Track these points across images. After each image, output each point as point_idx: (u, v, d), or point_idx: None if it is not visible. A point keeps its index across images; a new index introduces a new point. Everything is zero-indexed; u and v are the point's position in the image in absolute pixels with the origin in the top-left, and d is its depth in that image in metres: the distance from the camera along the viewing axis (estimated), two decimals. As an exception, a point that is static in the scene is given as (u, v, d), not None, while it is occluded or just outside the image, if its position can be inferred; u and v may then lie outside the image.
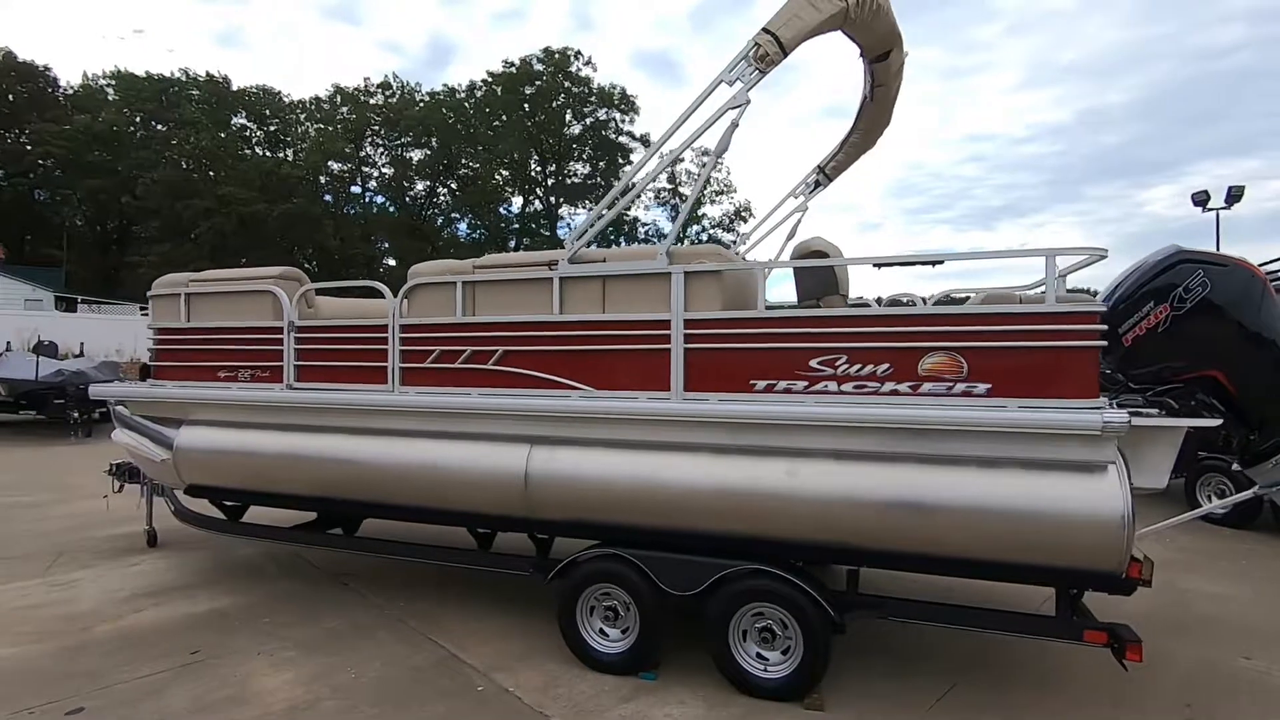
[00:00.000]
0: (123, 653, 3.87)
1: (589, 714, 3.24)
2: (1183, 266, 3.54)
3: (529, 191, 38.77)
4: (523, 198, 39.08)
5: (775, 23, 3.25)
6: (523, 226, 39.87)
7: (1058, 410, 2.84)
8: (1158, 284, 3.57)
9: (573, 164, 38.51)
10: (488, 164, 36.95)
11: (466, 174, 39.84)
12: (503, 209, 38.84)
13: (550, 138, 36.48)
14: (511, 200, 38.99)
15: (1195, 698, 3.37)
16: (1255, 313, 3.45)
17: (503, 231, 38.65)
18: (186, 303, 4.68)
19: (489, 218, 39.73)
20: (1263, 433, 3.59)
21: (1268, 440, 3.59)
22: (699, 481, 3.36)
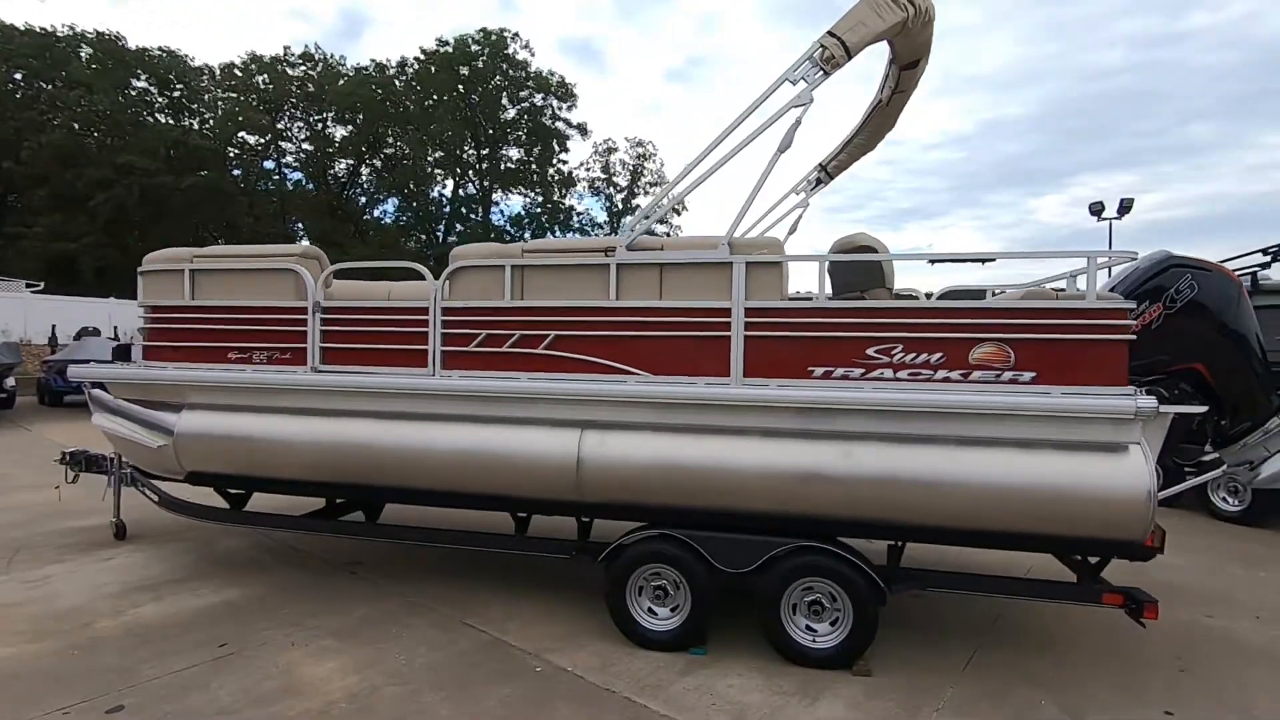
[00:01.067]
0: (142, 648, 3.66)
1: (654, 688, 3.34)
2: (1174, 270, 3.96)
3: (461, 175, 37.74)
4: (454, 181, 37.99)
5: (841, 28, 3.41)
6: (454, 211, 38.78)
7: (1096, 396, 3.15)
8: (1151, 286, 3.98)
9: (507, 149, 37.75)
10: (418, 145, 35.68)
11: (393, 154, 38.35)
12: (436, 192, 37.62)
13: (486, 121, 35.59)
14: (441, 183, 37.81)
15: (1181, 653, 3.82)
16: (1234, 312, 3.91)
17: (433, 215, 37.46)
18: (191, 279, 4.41)
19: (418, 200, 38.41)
20: (1234, 419, 4.07)
21: (1236, 425, 4.08)
22: (758, 464, 3.51)
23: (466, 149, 35.91)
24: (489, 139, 36.25)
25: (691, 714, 3.12)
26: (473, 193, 37.80)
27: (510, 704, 3.19)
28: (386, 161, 38.80)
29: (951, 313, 3.34)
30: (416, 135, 35.25)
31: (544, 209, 36.58)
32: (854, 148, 5.47)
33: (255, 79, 37.08)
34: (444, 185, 37.37)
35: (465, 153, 36.37)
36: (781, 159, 3.57)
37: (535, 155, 37.84)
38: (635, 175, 41.97)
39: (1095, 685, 3.43)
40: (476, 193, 37.42)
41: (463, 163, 37.23)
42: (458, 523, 4.60)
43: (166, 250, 4.63)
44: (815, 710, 3.17)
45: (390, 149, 38.57)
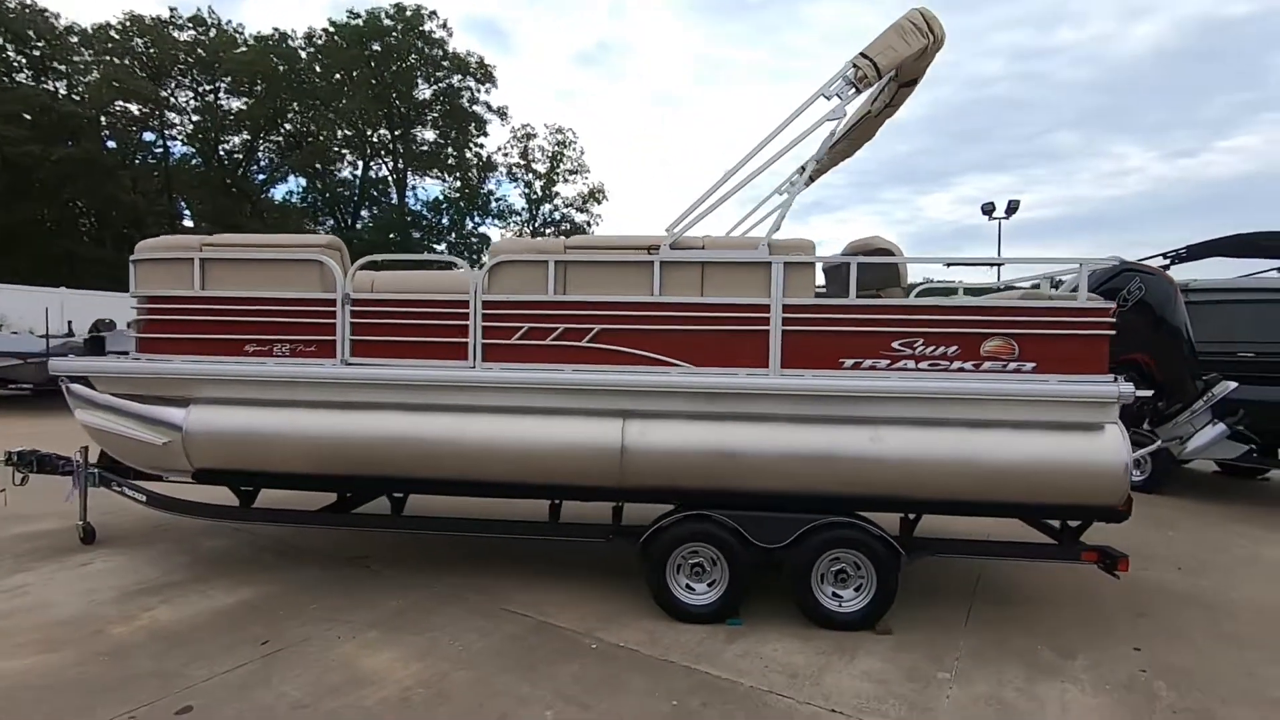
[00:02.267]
0: (175, 652, 3.55)
1: (707, 657, 3.61)
2: (1126, 274, 4.61)
3: (370, 156, 36.08)
4: (363, 162, 36.26)
5: (872, 50, 3.75)
6: (363, 193, 37.03)
7: (1085, 383, 3.67)
8: (1107, 287, 4.61)
9: (422, 130, 36.41)
10: (326, 122, 33.81)
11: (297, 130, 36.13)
12: (348, 172, 35.73)
13: (400, 100, 34.16)
14: (348, 163, 35.98)
15: (1131, 602, 4.48)
16: (1172, 310, 4.60)
17: (341, 197, 35.63)
18: (201, 269, 4.22)
19: (323, 181, 36.42)
20: (1169, 400, 4.79)
21: (1171, 406, 4.80)
22: (794, 447, 3.83)
23: (379, 129, 34.35)
24: (402, 119, 34.84)
25: (750, 676, 3.41)
26: (385, 175, 36.23)
27: (582, 680, 3.36)
28: (288, 139, 36.55)
29: (966, 310, 3.77)
30: (324, 112, 33.43)
31: (462, 194, 35.59)
32: (835, 153, 5.86)
33: (135, 41, 33.95)
34: (354, 166, 35.60)
35: (377, 133, 34.79)
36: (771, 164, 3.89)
37: (451, 138, 36.71)
38: (555, 162, 41.60)
39: (1073, 631, 3.99)
40: (390, 175, 35.89)
41: (372, 143, 35.62)
42: (479, 512, 4.66)
43: (166, 238, 4.40)
44: (856, 665, 3.54)
45: (293, 125, 36.36)
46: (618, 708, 3.11)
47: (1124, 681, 3.43)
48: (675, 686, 3.31)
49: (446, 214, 35.74)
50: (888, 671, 3.48)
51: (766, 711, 3.10)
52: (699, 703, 3.17)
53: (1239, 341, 5.90)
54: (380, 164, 36.05)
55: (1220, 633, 4.06)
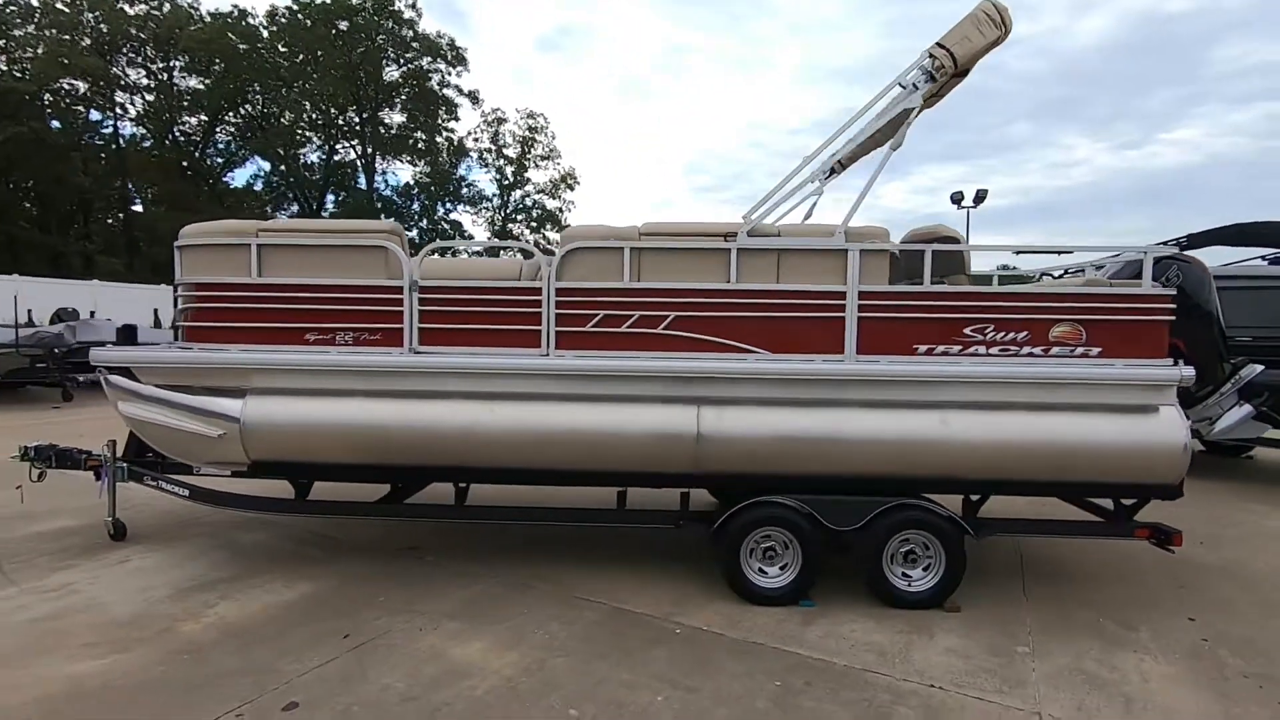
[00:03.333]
0: (257, 648, 3.47)
1: (791, 638, 3.67)
2: (1164, 261, 4.78)
3: (336, 139, 35.04)
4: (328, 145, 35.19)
5: (949, 40, 3.80)
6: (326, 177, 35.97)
7: (1150, 367, 3.82)
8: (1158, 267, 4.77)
9: (390, 113, 35.50)
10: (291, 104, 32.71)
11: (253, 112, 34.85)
12: (314, 156, 34.64)
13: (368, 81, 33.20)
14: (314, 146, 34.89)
15: (1170, 575, 4.70)
16: (1206, 296, 4.79)
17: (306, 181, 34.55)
18: (258, 255, 4.08)
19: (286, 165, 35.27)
20: (1199, 383, 4.99)
21: (1202, 389, 5.01)
22: (869, 432, 3.90)
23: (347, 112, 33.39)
24: (370, 101, 33.93)
25: (841, 655, 3.49)
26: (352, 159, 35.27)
27: (678, 663, 3.39)
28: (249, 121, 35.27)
29: (1035, 297, 3.88)
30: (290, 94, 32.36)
31: (433, 179, 34.86)
32: (868, 144, 5.93)
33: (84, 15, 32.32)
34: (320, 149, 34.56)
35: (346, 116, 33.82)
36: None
37: (421, 122, 35.89)
38: (526, 147, 41.07)
39: (1126, 603, 4.17)
40: (358, 159, 34.96)
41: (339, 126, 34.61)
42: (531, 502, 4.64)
43: (219, 223, 4.24)
44: (937, 642, 3.64)
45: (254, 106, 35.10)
46: (723, 689, 3.16)
47: (1190, 650, 3.61)
48: (771, 667, 3.37)
49: (417, 199, 34.99)
50: (969, 648, 3.60)
51: (869, 689, 3.18)
52: (802, 682, 3.23)
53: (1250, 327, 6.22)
54: (347, 148, 35.08)
55: (1262, 601, 4.29)
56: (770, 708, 3.01)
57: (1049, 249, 4.43)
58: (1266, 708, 3.07)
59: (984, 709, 3.02)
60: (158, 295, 21.93)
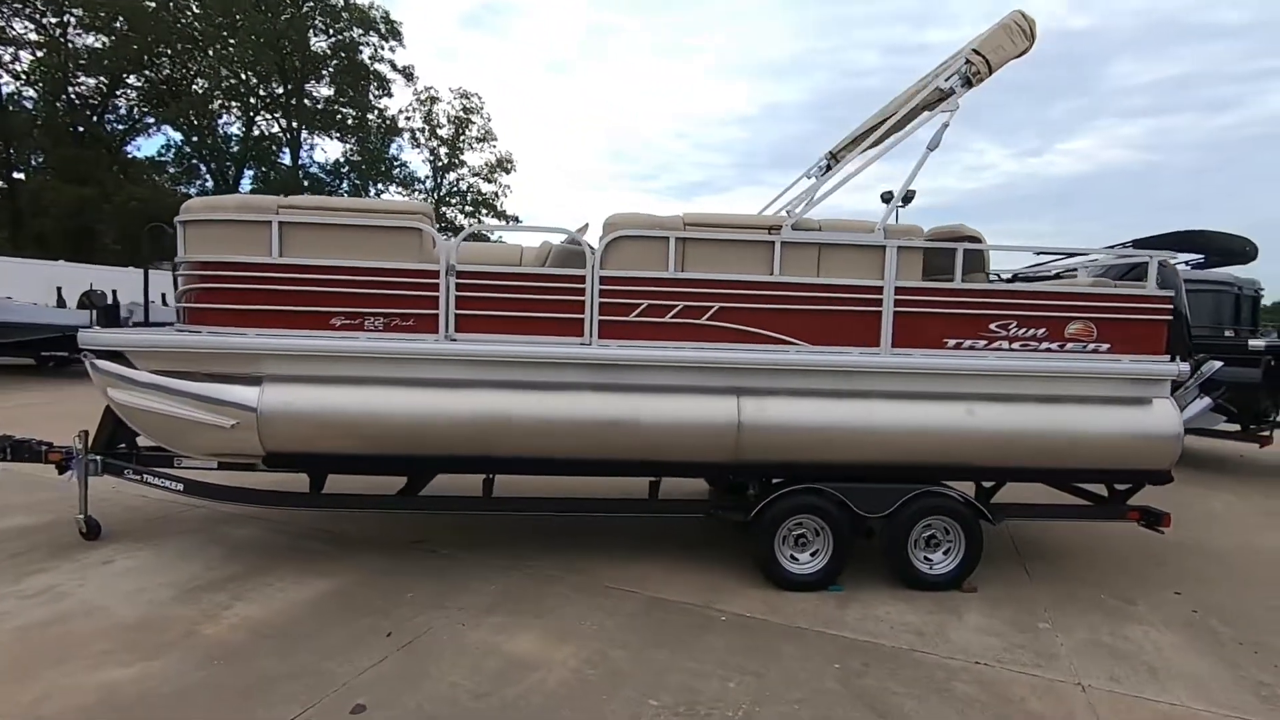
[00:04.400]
0: (296, 649, 3.29)
1: (834, 622, 3.79)
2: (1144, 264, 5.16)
3: (257, 110, 32.85)
4: (247, 117, 32.94)
5: (985, 48, 3.96)
6: (245, 151, 33.67)
7: (1153, 362, 4.14)
8: (1131, 276, 5.14)
9: (316, 86, 33.56)
10: (203, 71, 30.40)
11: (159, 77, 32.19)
12: (234, 128, 32.30)
13: (293, 50, 31.22)
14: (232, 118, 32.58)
15: (1146, 553, 5.11)
16: (1180, 297, 5.21)
17: (224, 154, 32.24)
18: (279, 234, 3.82)
19: (200, 136, 32.81)
20: (1170, 378, 5.43)
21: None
22: (901, 422, 4.05)
23: (272, 83, 31.39)
24: (296, 73, 32.02)
25: (884, 637, 3.63)
26: (275, 132, 33.23)
27: (733, 650, 3.44)
28: (158, 86, 32.59)
29: (1053, 295, 4.13)
30: (205, 60, 30.11)
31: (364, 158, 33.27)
32: (864, 140, 6.11)
33: (-38, -41, 29.00)
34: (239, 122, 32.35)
35: (268, 86, 31.78)
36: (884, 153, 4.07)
37: (350, 97, 34.15)
38: (460, 128, 39.83)
39: (1117, 580, 4.52)
40: (282, 133, 32.96)
41: (260, 96, 32.49)
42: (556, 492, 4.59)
43: (232, 197, 3.95)
44: (966, 622, 3.84)
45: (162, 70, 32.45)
46: (787, 673, 3.23)
47: (1185, 621, 3.96)
48: (825, 650, 3.47)
49: (348, 179, 33.33)
50: (996, 626, 3.81)
51: (922, 668, 3.33)
52: (859, 663, 3.35)
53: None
54: (270, 120, 33.01)
55: (1230, 574, 4.74)
56: (839, 689, 3.11)
57: (1065, 250, 4.71)
58: (1266, 670, 3.41)
59: (1031, 682, 3.22)
60: (60, 273, 20.11)
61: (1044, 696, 3.10)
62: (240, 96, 32.34)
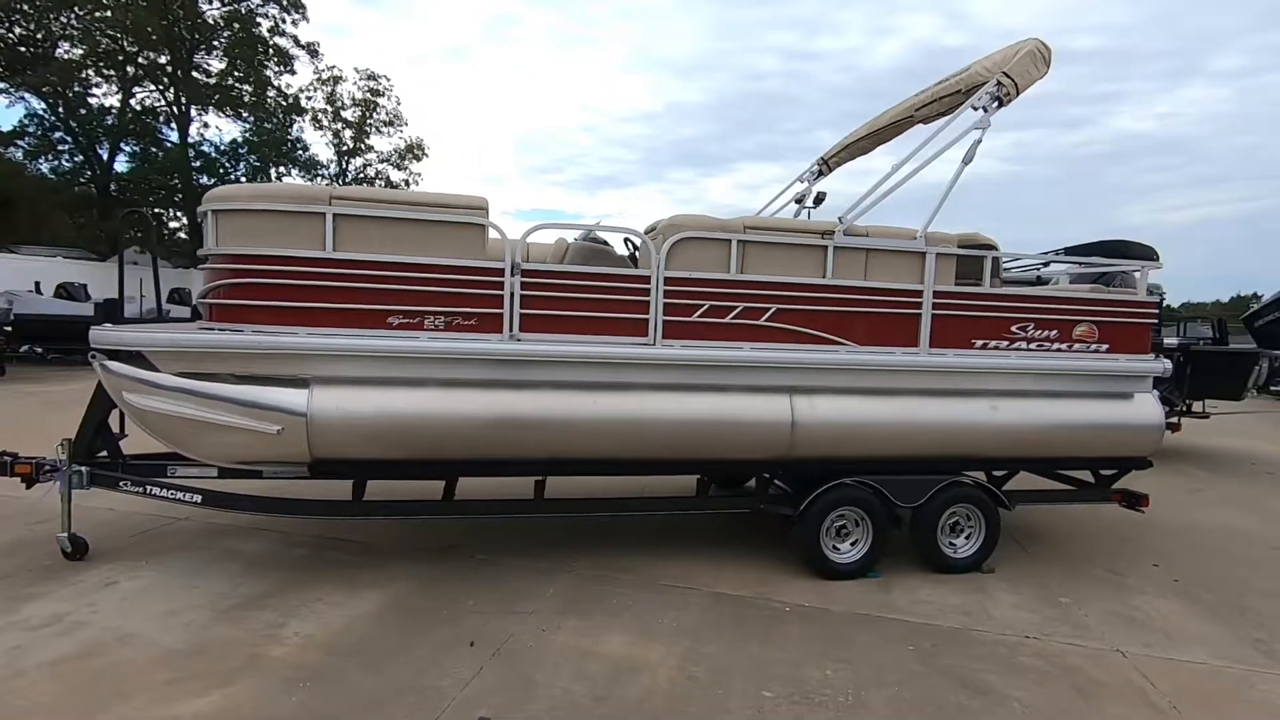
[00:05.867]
0: (385, 665, 3.15)
1: (889, 607, 4.01)
2: (1109, 273, 5.75)
3: (137, 80, 29.78)
4: (126, 87, 29.79)
5: (1014, 71, 4.28)
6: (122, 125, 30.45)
7: (1145, 360, 4.64)
8: (1102, 280, 5.71)
9: (207, 58, 30.83)
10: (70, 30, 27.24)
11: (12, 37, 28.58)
12: (112, 99, 29.04)
13: (184, 18, 28.50)
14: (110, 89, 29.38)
15: (1116, 531, 5.70)
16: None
17: (95, 128, 29.01)
18: (334, 227, 3.59)
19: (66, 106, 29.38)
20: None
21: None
22: (936, 417, 4.33)
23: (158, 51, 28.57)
24: (185, 42, 29.32)
25: (939, 618, 3.89)
26: (160, 106, 30.31)
27: (811, 638, 3.59)
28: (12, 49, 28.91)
29: (1065, 300, 4.54)
30: (72, 22, 26.99)
31: (261, 138, 30.89)
32: (855, 148, 6.44)
33: None
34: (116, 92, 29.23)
35: (147, 54, 28.89)
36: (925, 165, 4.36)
37: (246, 72, 31.64)
38: (367, 111, 37.89)
39: (1104, 556, 5.03)
40: (169, 107, 30.10)
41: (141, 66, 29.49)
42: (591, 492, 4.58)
43: (275, 186, 3.70)
44: (1001, 600, 4.18)
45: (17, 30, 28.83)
46: (872, 657, 3.41)
47: (1174, 590, 4.47)
48: (891, 633, 3.69)
49: (245, 161, 30.85)
50: (1027, 602, 4.17)
51: (984, 644, 3.60)
52: (928, 644, 3.58)
53: None
54: (158, 93, 30.07)
55: (1188, 546, 5.36)
56: (925, 669, 3.32)
57: (1080, 260, 5.17)
58: (1261, 628, 3.93)
59: (1081, 652, 3.56)
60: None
61: (1098, 665, 3.44)
62: (118, 65, 29.27)
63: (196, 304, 3.95)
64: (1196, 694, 3.21)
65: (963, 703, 3.05)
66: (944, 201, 4.27)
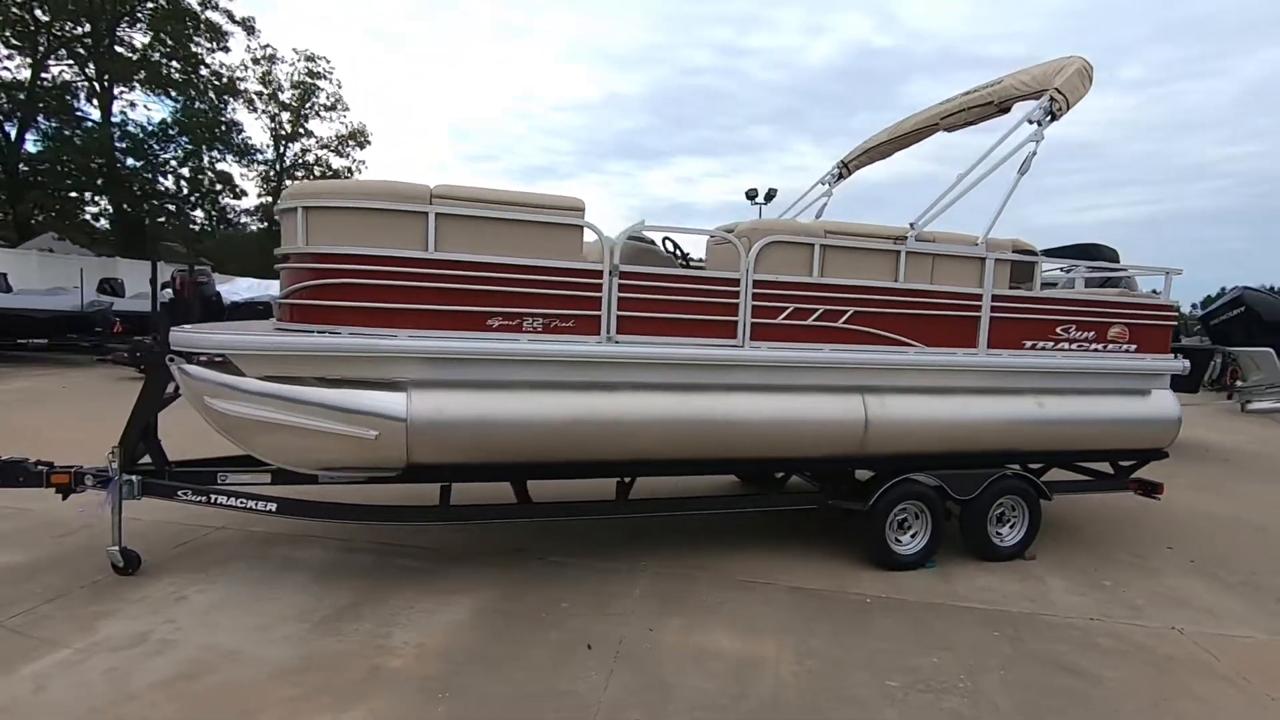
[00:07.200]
0: (513, 673, 3.13)
1: (958, 596, 4.21)
2: (1115, 276, 6.16)
3: (51, 51, 27.48)
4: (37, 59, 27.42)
5: (1065, 88, 4.53)
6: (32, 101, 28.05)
7: (1168, 360, 5.01)
8: (1110, 284, 6.12)
9: (130, 31, 28.69)
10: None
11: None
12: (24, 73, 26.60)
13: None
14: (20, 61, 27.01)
15: (1133, 517, 6.12)
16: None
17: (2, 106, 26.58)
18: (435, 227, 3.49)
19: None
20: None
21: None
22: (990, 414, 4.57)
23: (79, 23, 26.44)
24: (105, 12, 27.25)
25: (1005, 604, 4.12)
26: (77, 81, 28.10)
27: (903, 627, 3.75)
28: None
29: (1102, 303, 4.85)
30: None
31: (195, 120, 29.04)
32: (875, 152, 6.65)
33: None
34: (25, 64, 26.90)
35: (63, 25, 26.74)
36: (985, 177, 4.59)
37: (173, 47, 29.67)
38: (305, 95, 36.30)
39: (1119, 542, 5.42)
40: (91, 82, 27.93)
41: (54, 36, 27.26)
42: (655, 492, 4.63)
43: (375, 183, 3.50)
44: (1053, 585, 4.46)
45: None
46: (967, 644, 3.60)
47: (1194, 571, 4.87)
48: (973, 620, 3.89)
49: (175, 143, 28.99)
50: (1076, 588, 4.46)
51: (1059, 628, 3.85)
52: (1010, 630, 3.80)
53: None
54: (76, 67, 27.85)
55: (1189, 531, 5.81)
56: (1018, 655, 3.53)
57: (1103, 266, 5.51)
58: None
59: (1144, 631, 3.86)
60: None
61: (1163, 642, 3.73)
62: (29, 35, 26.98)
63: (276, 303, 3.77)
64: (1256, 666, 3.53)
65: (1065, 683, 3.26)
66: (1001, 211, 4.49)
